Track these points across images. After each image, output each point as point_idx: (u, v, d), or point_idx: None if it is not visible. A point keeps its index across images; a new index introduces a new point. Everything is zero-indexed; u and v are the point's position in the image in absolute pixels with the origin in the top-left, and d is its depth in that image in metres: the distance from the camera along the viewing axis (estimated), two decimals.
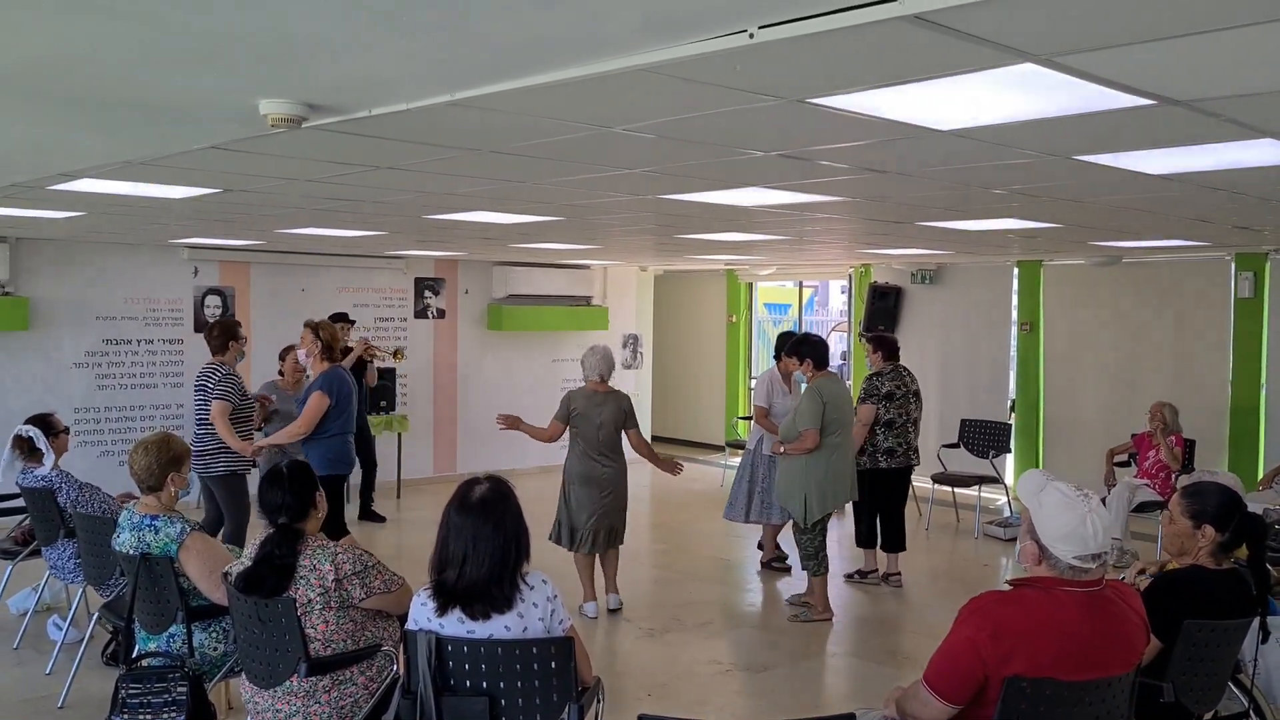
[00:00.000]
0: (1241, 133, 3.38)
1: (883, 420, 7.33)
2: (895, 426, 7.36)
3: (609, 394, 6.64)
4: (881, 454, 7.37)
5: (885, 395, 7.37)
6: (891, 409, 7.35)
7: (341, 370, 6.58)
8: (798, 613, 6.68)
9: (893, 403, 7.36)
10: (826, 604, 6.67)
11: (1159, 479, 7.89)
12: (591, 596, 6.70)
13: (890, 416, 7.35)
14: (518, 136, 3.68)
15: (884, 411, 7.34)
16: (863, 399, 7.43)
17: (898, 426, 7.36)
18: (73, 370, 9.47)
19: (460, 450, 11.59)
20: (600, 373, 6.66)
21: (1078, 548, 2.88)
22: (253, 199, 5.73)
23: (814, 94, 2.89)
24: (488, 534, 3.09)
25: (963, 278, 11.28)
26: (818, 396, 6.43)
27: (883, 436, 7.35)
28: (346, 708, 3.68)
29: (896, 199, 5.44)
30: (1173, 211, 5.88)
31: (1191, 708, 3.52)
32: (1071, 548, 2.88)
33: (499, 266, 11.92)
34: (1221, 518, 3.65)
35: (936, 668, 2.97)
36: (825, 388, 6.50)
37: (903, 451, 7.41)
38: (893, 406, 7.36)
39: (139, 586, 4.26)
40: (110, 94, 3.04)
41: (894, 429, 7.35)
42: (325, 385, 6.35)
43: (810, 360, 6.63)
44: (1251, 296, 9.06)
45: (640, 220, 6.83)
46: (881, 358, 7.54)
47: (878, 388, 7.39)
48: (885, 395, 7.37)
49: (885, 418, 7.34)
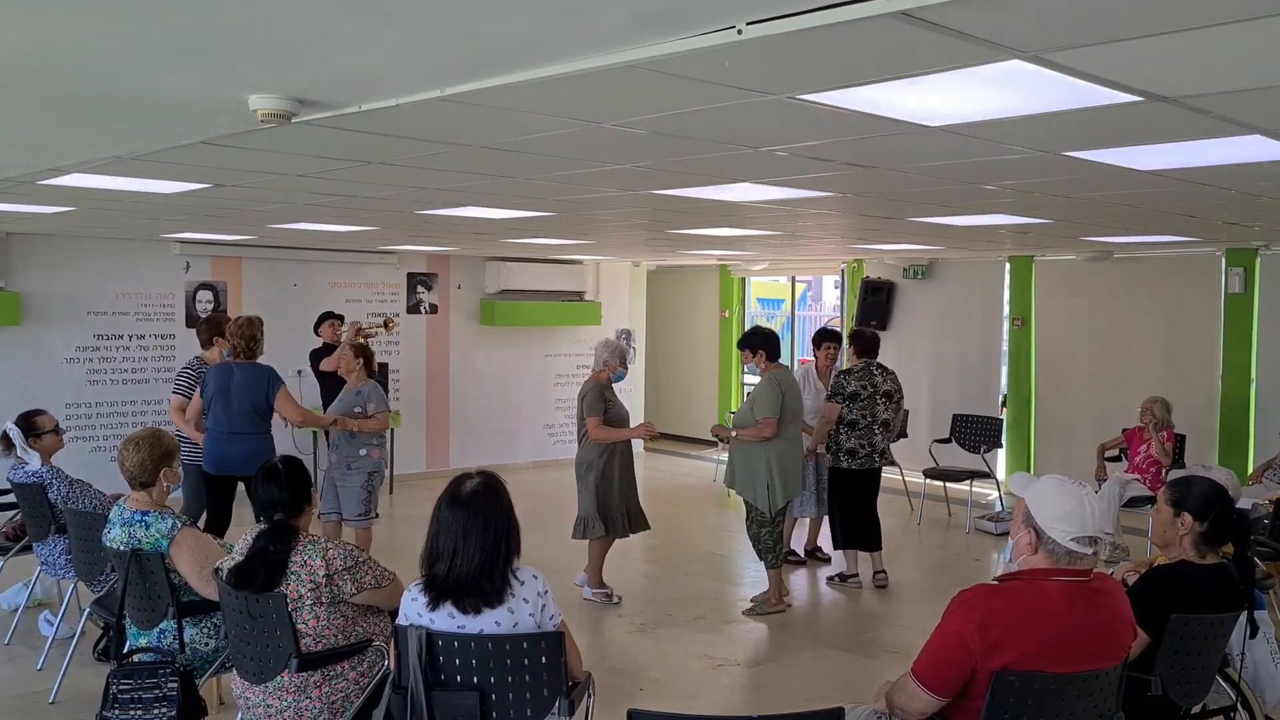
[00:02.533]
0: (1230, 129, 3.40)
1: (846, 420, 7.17)
2: (859, 427, 7.16)
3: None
4: (844, 454, 7.20)
5: (850, 395, 7.18)
6: (855, 409, 7.17)
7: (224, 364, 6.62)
8: (754, 605, 6.68)
9: (856, 403, 7.16)
10: (781, 595, 6.70)
11: (1149, 474, 7.92)
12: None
13: (854, 417, 7.17)
14: (508, 132, 3.68)
15: (847, 411, 7.16)
16: (829, 396, 7.32)
17: (861, 428, 7.16)
18: (64, 366, 9.46)
19: (453, 445, 11.59)
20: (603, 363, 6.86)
21: (1076, 528, 2.90)
22: (244, 194, 5.72)
23: (803, 90, 2.89)
24: (478, 528, 3.10)
25: (955, 273, 11.31)
26: (776, 386, 6.45)
27: (845, 436, 7.18)
28: (338, 703, 3.69)
29: (888, 194, 5.45)
30: (1162, 207, 5.90)
31: (1179, 701, 3.54)
32: (1070, 528, 2.90)
33: (491, 261, 11.91)
34: (1201, 508, 3.67)
35: (925, 660, 2.99)
36: (782, 378, 6.53)
37: (865, 453, 7.19)
38: (856, 407, 7.16)
39: (130, 582, 4.26)
40: (97, 89, 3.04)
41: (857, 430, 7.16)
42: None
43: (763, 352, 6.61)
44: (1242, 292, 9.09)
45: (632, 215, 6.83)
46: (854, 353, 7.37)
47: (843, 386, 7.22)
48: (850, 395, 7.18)
49: (849, 417, 7.16)
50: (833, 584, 7.46)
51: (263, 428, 6.53)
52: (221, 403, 6.45)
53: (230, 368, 6.53)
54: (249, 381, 6.45)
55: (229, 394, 6.44)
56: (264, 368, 6.54)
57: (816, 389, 7.72)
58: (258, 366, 6.51)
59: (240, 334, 6.49)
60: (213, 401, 6.49)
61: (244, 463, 6.24)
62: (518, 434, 12.44)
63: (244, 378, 6.46)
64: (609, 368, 6.80)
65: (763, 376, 6.59)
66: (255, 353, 6.54)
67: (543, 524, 9.06)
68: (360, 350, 7.08)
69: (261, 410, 6.48)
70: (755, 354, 6.64)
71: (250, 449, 6.33)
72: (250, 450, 6.31)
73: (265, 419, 6.54)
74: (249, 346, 6.50)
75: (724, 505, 10.14)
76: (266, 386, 6.46)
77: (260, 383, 6.46)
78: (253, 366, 6.50)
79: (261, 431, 6.52)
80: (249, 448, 6.34)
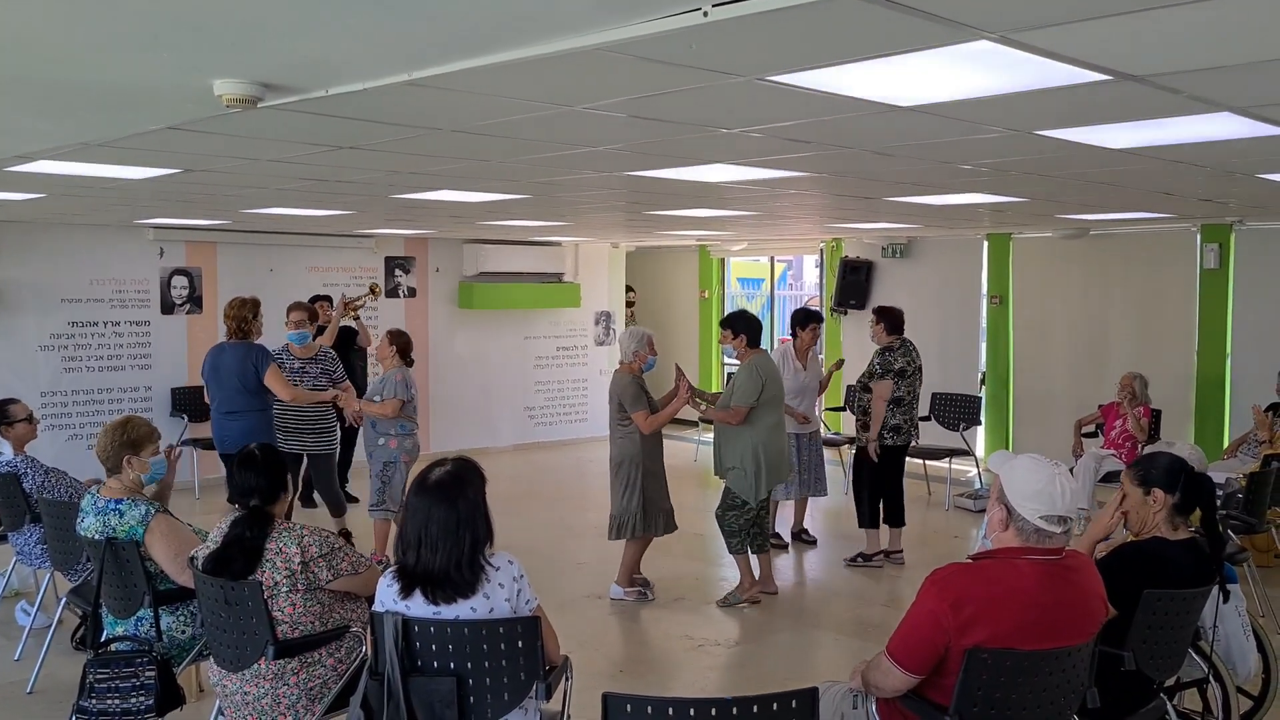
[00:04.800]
0: (1201, 106, 3.40)
1: (892, 397, 7.10)
2: (904, 404, 7.12)
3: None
4: (888, 431, 7.14)
5: (898, 371, 7.11)
6: (903, 386, 7.11)
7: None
8: (727, 596, 6.55)
9: (904, 379, 7.12)
10: (754, 581, 6.54)
11: (1125, 448, 7.97)
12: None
13: (900, 394, 7.10)
14: (479, 116, 3.66)
15: (895, 389, 7.09)
16: (879, 375, 7.17)
17: (906, 403, 7.13)
18: (38, 353, 9.38)
19: (433, 429, 11.55)
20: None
21: (1045, 506, 2.93)
22: (214, 179, 5.67)
23: (772, 72, 2.88)
24: (441, 516, 3.08)
25: (933, 251, 11.33)
26: (757, 374, 6.33)
27: (891, 414, 7.11)
28: (315, 689, 3.68)
29: (863, 174, 5.45)
30: (1137, 184, 5.92)
31: (1152, 675, 3.57)
32: (1039, 506, 2.93)
33: (470, 244, 11.86)
34: (1167, 480, 3.69)
35: (899, 639, 3.01)
36: (763, 365, 6.41)
37: (908, 428, 7.20)
38: (904, 383, 7.11)
39: (105, 571, 4.23)
40: (61, 76, 3.00)
41: (902, 406, 7.12)
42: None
43: (745, 336, 6.49)
44: (1217, 268, 9.14)
45: (609, 197, 6.81)
46: (885, 331, 7.25)
47: (891, 364, 7.12)
48: (898, 371, 7.11)
49: (895, 394, 7.09)
50: (854, 565, 7.39)
51: (255, 405, 6.61)
52: (215, 383, 6.66)
53: (223, 348, 6.70)
54: (238, 360, 6.57)
55: (220, 374, 6.61)
56: (254, 346, 6.62)
57: (795, 369, 7.72)
58: (248, 346, 6.61)
59: (231, 314, 6.64)
60: (209, 383, 6.71)
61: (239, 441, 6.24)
62: (498, 417, 12.43)
63: (233, 357, 6.60)
64: (639, 358, 6.50)
65: (743, 362, 6.48)
66: (248, 333, 6.64)
67: (523, 508, 9.10)
68: (394, 337, 6.99)
69: (251, 388, 6.55)
70: (736, 336, 6.52)
71: (244, 427, 6.51)
72: (244, 428, 6.50)
73: (258, 396, 6.59)
74: (240, 327, 6.61)
75: (704, 486, 10.16)
76: (255, 365, 6.54)
77: (248, 361, 6.55)
78: (243, 346, 6.61)
79: (255, 409, 6.61)
80: (243, 425, 6.53)
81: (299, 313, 7.32)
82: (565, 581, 6.93)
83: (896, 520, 7.45)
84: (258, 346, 6.63)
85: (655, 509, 6.50)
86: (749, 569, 6.54)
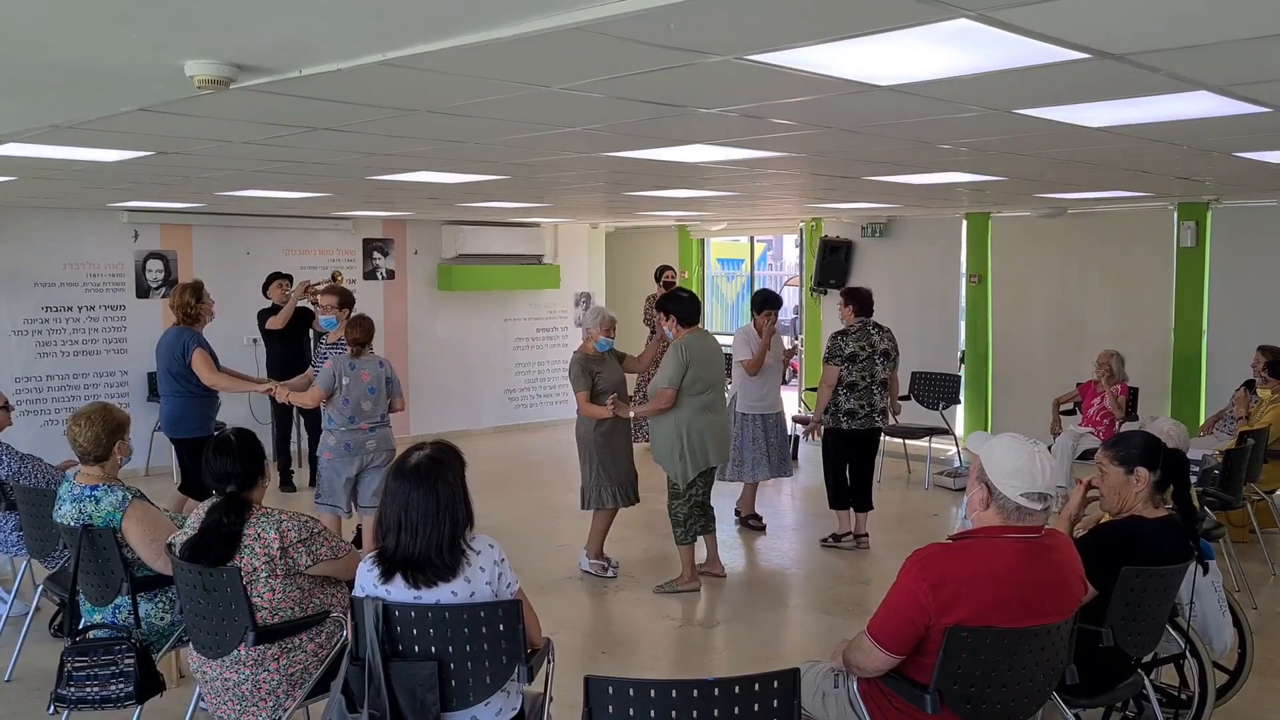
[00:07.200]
0: (1177, 85, 3.40)
1: (845, 381, 7.10)
2: (858, 389, 7.10)
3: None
4: (843, 415, 7.14)
5: (848, 357, 7.10)
6: (854, 371, 7.09)
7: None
8: (664, 584, 6.48)
9: (855, 364, 7.09)
10: (694, 574, 6.45)
11: (1103, 426, 8.02)
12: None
13: (853, 379, 7.09)
14: (455, 96, 3.62)
15: (846, 374, 7.08)
16: (826, 359, 7.21)
17: (860, 389, 7.10)
18: (12, 339, 9.27)
19: (413, 413, 11.49)
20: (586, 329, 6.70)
21: (1025, 483, 2.94)
22: (188, 161, 5.61)
23: (750, 51, 2.86)
24: (419, 500, 3.06)
25: (913, 231, 11.34)
26: (681, 355, 6.21)
27: (844, 398, 7.12)
28: (296, 674, 3.67)
29: (843, 154, 5.44)
30: (1114, 163, 5.93)
31: (1130, 651, 3.61)
32: (1020, 483, 2.95)
33: (448, 226, 11.79)
34: (1150, 457, 3.72)
35: (880, 619, 3.02)
36: (692, 345, 6.27)
37: (865, 414, 7.14)
38: (855, 369, 7.09)
39: (82, 558, 4.20)
40: (29, 58, 2.95)
41: (856, 391, 7.10)
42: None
43: (675, 316, 6.35)
44: (1193, 246, 9.19)
45: (588, 177, 6.77)
46: (853, 313, 7.22)
47: (840, 349, 7.13)
48: (848, 357, 7.10)
49: (848, 380, 7.09)
50: (826, 545, 7.43)
51: (180, 389, 6.55)
52: (157, 367, 6.72)
53: (166, 332, 6.72)
54: (168, 344, 6.59)
55: (158, 357, 6.67)
56: (184, 330, 6.57)
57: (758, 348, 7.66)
58: (180, 331, 6.58)
59: (174, 303, 6.64)
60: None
61: (168, 424, 6.70)
62: (479, 399, 12.39)
63: (167, 340, 6.63)
64: (591, 337, 6.53)
65: (673, 342, 6.34)
66: (196, 317, 6.60)
67: (504, 490, 9.09)
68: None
69: (176, 373, 6.52)
70: (669, 318, 6.38)
71: (169, 410, 6.64)
72: (169, 411, 6.63)
73: (183, 381, 6.52)
74: (185, 313, 6.57)
75: None
76: (182, 350, 6.50)
77: (176, 346, 6.53)
78: (175, 331, 6.60)
79: (180, 394, 6.55)
80: (169, 408, 6.65)
81: (329, 298, 7.11)
82: (546, 563, 6.92)
83: (861, 504, 7.43)
84: (187, 330, 6.55)
85: (610, 481, 6.56)
86: (691, 561, 6.48)
